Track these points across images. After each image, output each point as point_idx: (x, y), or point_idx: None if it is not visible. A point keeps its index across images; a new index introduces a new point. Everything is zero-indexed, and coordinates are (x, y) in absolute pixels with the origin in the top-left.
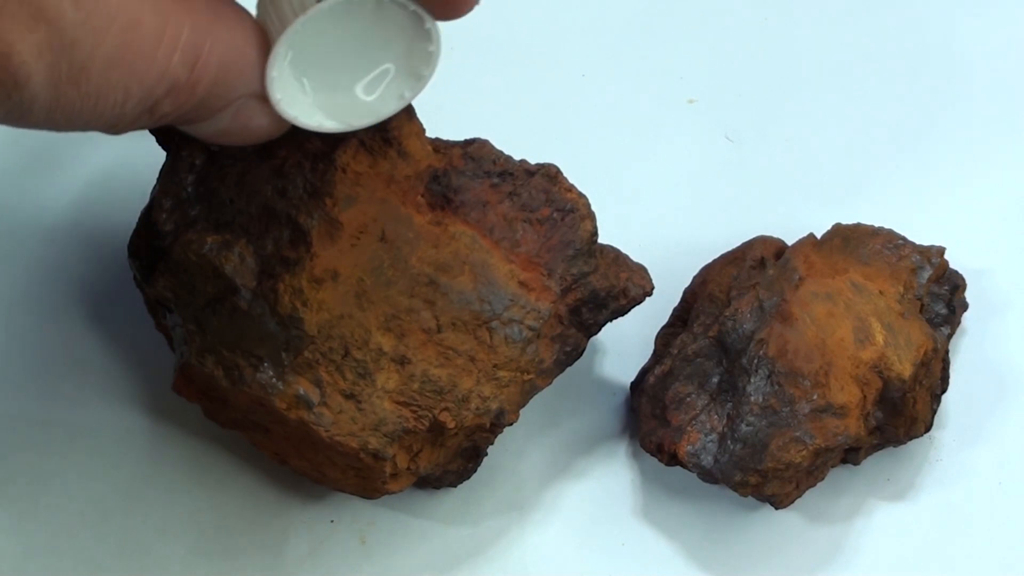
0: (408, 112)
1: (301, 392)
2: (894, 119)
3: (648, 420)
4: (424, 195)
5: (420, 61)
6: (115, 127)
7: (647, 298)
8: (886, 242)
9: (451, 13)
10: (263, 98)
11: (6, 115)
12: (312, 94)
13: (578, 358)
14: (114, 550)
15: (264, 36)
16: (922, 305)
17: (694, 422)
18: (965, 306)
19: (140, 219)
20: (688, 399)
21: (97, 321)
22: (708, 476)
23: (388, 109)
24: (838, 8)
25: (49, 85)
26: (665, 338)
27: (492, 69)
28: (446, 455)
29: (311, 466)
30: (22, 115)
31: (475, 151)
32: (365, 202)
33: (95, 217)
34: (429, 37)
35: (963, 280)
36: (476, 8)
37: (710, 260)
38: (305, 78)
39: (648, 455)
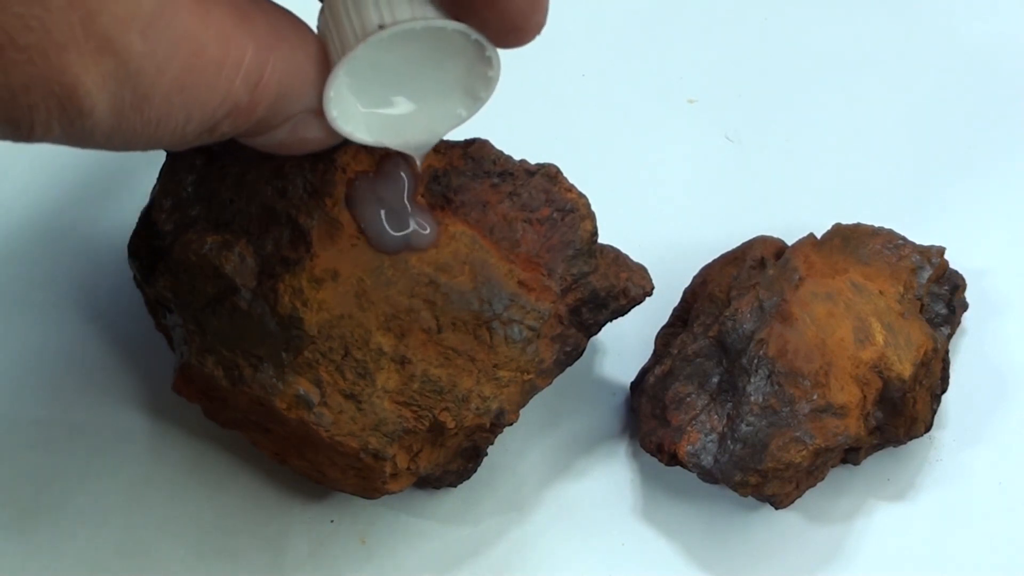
0: None
1: (301, 392)
2: (894, 119)
3: (648, 420)
4: (424, 195)
5: (479, 84)
6: (175, 147)
7: (647, 298)
8: (886, 242)
9: (513, 43)
10: (320, 113)
11: (67, 139)
12: (369, 111)
13: (578, 358)
14: (114, 550)
15: (323, 52)
16: (922, 305)
17: (694, 422)
18: (965, 306)
19: (140, 219)
20: (688, 399)
21: (97, 321)
22: (708, 476)
23: (444, 128)
24: (838, 8)
25: (112, 113)
26: (665, 338)
27: None
28: (446, 455)
29: (311, 466)
30: (83, 139)
31: (475, 151)
32: None
33: (95, 217)
34: (490, 63)
35: (963, 280)
36: None
37: (710, 260)
38: (363, 96)
39: (648, 455)
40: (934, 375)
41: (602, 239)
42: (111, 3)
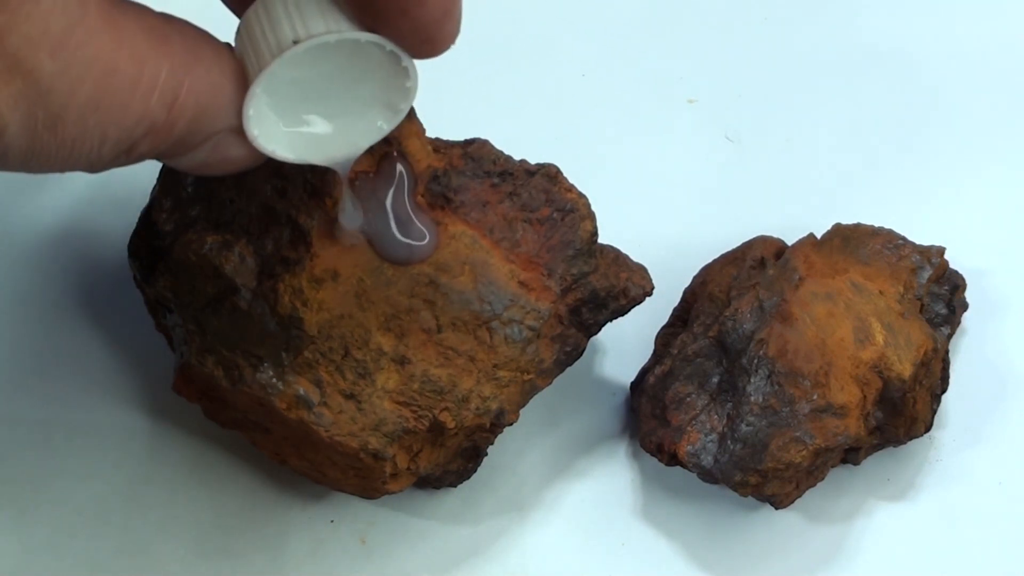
0: (408, 112)
1: (301, 392)
2: (894, 119)
3: (648, 420)
4: (424, 195)
5: (397, 96)
6: (92, 168)
7: (647, 298)
8: (886, 242)
9: (428, 53)
10: (241, 131)
11: None
12: (290, 128)
13: (578, 358)
14: (114, 550)
15: (241, 71)
16: (922, 305)
17: (694, 422)
18: (965, 306)
19: (140, 219)
20: (688, 399)
21: (97, 321)
22: (708, 476)
23: (365, 142)
24: (838, 8)
25: (25, 133)
26: (665, 338)
27: (492, 69)
28: (446, 455)
29: (311, 466)
30: None
31: (475, 151)
32: None
33: (95, 217)
34: (407, 74)
35: (963, 280)
36: (476, 8)
37: (710, 260)
38: (283, 114)
39: (648, 455)
40: (934, 375)
41: (602, 239)
42: (19, 24)
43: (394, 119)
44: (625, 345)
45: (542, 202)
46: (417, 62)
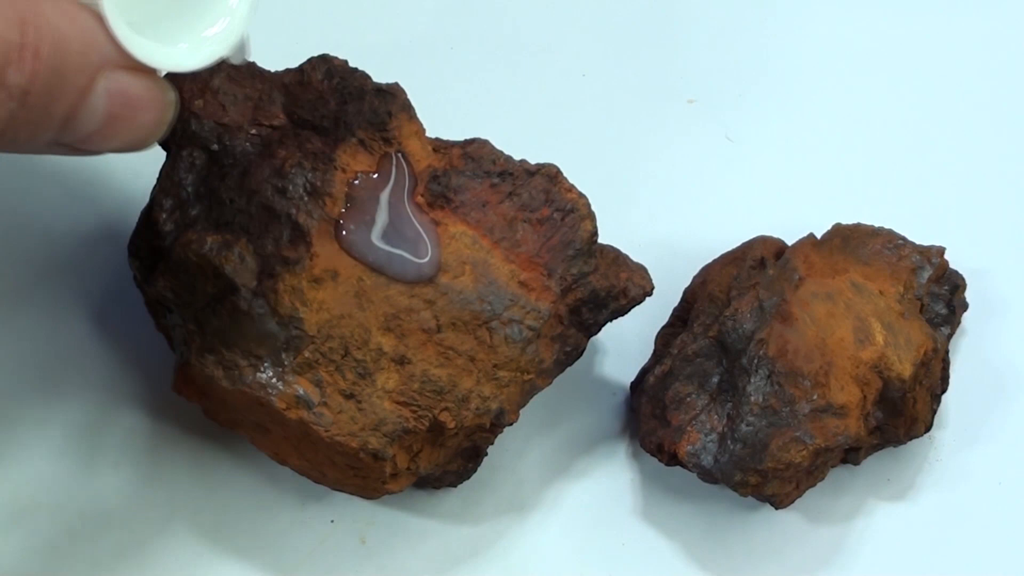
0: (408, 112)
1: (301, 392)
2: (894, 119)
3: (648, 420)
4: (424, 195)
5: None
6: None
7: (647, 298)
8: (886, 242)
9: None
10: (126, 65)
11: None
12: (167, 40)
13: (578, 358)
14: (114, 550)
15: (92, 8)
16: (922, 305)
17: (694, 422)
18: (965, 306)
19: (140, 219)
20: (688, 399)
21: (97, 321)
22: (708, 476)
23: (243, 11)
24: (838, 8)
25: None
26: (665, 338)
27: (492, 69)
28: (446, 455)
29: (311, 466)
30: None
31: (475, 151)
32: None
33: (95, 217)
34: None
35: (963, 280)
36: (476, 8)
37: (710, 260)
38: (152, 28)
39: (648, 455)
40: (934, 375)
41: (602, 239)
42: None
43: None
44: (625, 345)
45: (542, 202)
46: (417, 62)
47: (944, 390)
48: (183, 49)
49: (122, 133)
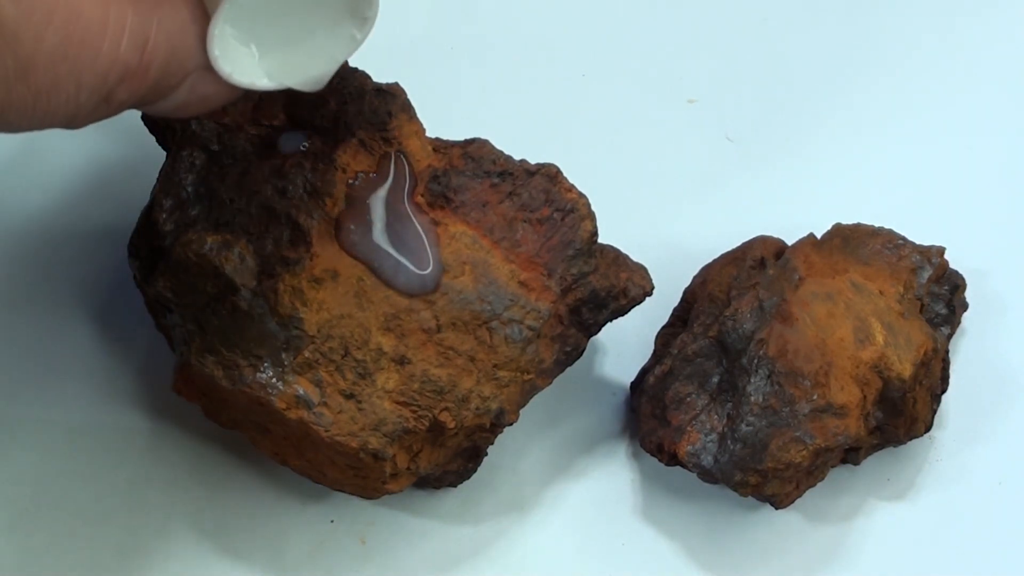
0: (408, 112)
1: (301, 392)
2: (894, 119)
3: (648, 420)
4: (424, 195)
5: (363, 3)
6: (73, 120)
7: (647, 298)
8: (886, 242)
9: None
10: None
11: None
12: (260, 56)
13: (578, 358)
14: (114, 550)
15: (203, 8)
16: (922, 305)
17: (694, 422)
18: (965, 306)
19: (140, 219)
20: (688, 399)
21: (97, 321)
22: (708, 476)
23: (342, 53)
24: (838, 8)
25: None
26: (665, 338)
27: (492, 69)
28: (446, 455)
29: (311, 466)
30: None
31: (475, 151)
32: None
33: (95, 217)
34: None
35: (963, 280)
36: (476, 8)
37: (710, 260)
38: (252, 42)
39: (648, 455)
40: (934, 375)
41: (602, 239)
42: None
43: (364, 28)
44: (625, 345)
45: (542, 202)
46: (417, 62)
47: (944, 390)
48: (261, 70)
49: (184, 113)
